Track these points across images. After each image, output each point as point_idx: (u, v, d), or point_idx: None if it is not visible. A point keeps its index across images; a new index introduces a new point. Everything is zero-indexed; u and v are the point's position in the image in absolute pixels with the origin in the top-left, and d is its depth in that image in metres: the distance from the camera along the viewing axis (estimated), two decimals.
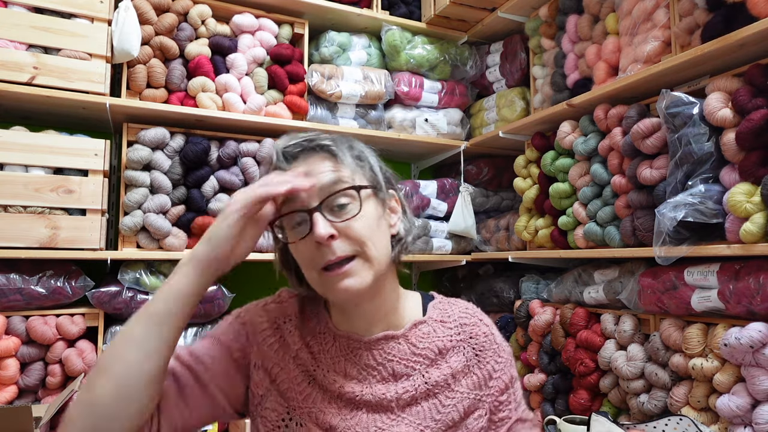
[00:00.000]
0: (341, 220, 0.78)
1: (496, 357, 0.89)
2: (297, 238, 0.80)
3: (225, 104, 2.03)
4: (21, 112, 1.94)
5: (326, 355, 0.85)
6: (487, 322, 0.92)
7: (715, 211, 1.40)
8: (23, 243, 1.69)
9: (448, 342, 0.88)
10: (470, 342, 0.89)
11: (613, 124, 1.77)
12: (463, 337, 0.89)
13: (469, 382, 0.86)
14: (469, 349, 0.88)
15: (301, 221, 0.79)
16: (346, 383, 0.83)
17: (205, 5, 2.05)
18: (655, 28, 1.69)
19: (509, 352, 0.92)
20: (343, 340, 0.86)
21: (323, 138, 0.83)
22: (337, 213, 0.78)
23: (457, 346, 0.88)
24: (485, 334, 0.90)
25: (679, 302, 1.50)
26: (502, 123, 2.39)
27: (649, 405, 1.55)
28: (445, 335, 0.88)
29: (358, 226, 0.78)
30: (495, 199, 2.59)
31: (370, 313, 0.86)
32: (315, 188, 0.78)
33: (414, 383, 0.84)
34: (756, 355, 1.28)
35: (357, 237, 0.78)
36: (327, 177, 0.79)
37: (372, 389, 0.83)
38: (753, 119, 1.33)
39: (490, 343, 0.90)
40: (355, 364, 0.85)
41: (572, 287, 1.92)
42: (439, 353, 0.86)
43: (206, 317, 1.96)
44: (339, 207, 0.78)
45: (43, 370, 1.73)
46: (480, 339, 0.89)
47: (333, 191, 0.78)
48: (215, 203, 1.98)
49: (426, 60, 2.41)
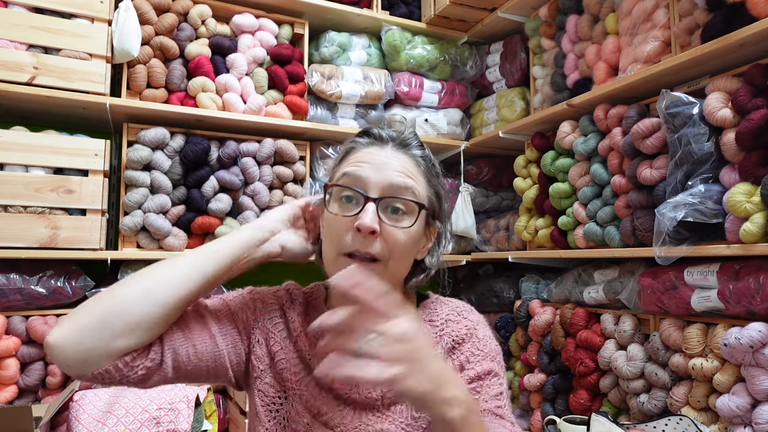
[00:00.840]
0: (390, 223, 0.78)
1: (473, 349, 0.86)
2: (340, 212, 0.80)
3: (225, 104, 2.04)
4: (21, 112, 1.94)
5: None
6: (472, 319, 0.90)
7: (715, 211, 1.40)
8: (23, 243, 1.69)
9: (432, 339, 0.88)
10: (450, 334, 0.87)
11: (613, 124, 1.77)
12: (446, 332, 0.88)
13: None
14: (449, 340, 0.86)
15: (353, 200, 0.80)
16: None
17: (205, 5, 2.05)
18: (655, 28, 1.69)
19: (493, 349, 0.88)
20: None
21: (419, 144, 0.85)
22: (389, 214, 0.79)
23: (439, 342, 0.87)
24: (467, 327, 0.88)
25: (679, 302, 1.50)
26: (502, 123, 2.39)
27: (649, 405, 1.55)
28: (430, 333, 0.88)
29: (401, 238, 0.79)
30: (495, 199, 2.60)
31: None
32: (384, 179, 0.79)
33: None
34: (756, 355, 1.28)
35: (393, 245, 0.78)
36: (400, 179, 0.79)
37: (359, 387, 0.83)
38: (753, 119, 1.33)
39: (470, 336, 0.87)
40: None
41: (572, 287, 1.92)
42: None
43: None
44: (393, 210, 0.79)
45: (43, 370, 1.73)
46: (461, 332, 0.87)
47: (399, 195, 0.79)
48: (215, 203, 1.98)
49: (426, 60, 2.41)
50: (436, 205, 0.86)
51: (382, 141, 0.84)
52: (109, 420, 1.49)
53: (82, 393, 1.57)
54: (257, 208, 2.06)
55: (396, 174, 0.79)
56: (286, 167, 2.13)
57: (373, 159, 0.81)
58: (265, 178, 2.08)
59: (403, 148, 0.84)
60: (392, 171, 0.80)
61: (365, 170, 0.80)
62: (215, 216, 1.98)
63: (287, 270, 2.50)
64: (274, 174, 2.10)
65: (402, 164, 0.81)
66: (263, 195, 2.06)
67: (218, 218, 1.99)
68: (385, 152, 0.82)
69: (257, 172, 2.06)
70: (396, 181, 0.79)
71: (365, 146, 0.84)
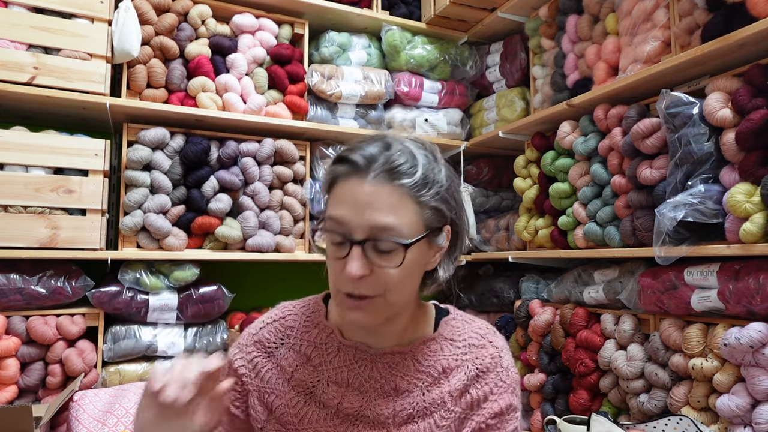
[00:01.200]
0: (380, 263, 0.75)
1: (497, 380, 0.84)
2: (332, 255, 0.78)
3: (225, 104, 2.03)
4: (21, 112, 1.94)
5: (329, 366, 0.85)
6: (497, 345, 0.87)
7: (715, 211, 1.40)
8: (23, 243, 1.69)
9: (453, 361, 0.85)
10: (475, 362, 0.85)
11: (613, 124, 1.77)
12: (470, 357, 0.85)
13: (464, 401, 0.83)
14: (473, 368, 0.84)
15: (343, 243, 0.76)
16: (346, 396, 0.83)
17: (205, 5, 2.05)
18: (655, 28, 1.69)
19: (515, 380, 0.86)
20: (349, 350, 0.85)
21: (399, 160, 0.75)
22: (377, 254, 0.74)
23: (461, 366, 0.84)
24: (492, 356, 0.85)
25: (679, 302, 1.50)
26: (502, 123, 2.39)
27: (649, 405, 1.55)
28: (451, 354, 0.85)
29: (393, 275, 0.75)
30: (495, 199, 2.60)
31: (381, 334, 0.85)
32: (366, 222, 0.73)
33: (413, 401, 0.82)
34: (756, 355, 1.28)
35: (387, 283, 0.76)
36: (382, 219, 0.73)
37: (371, 403, 0.82)
38: (753, 119, 1.33)
39: (495, 365, 0.85)
40: (359, 375, 0.84)
41: (572, 287, 1.92)
42: (442, 372, 0.84)
43: (206, 317, 1.97)
44: (382, 251, 0.74)
45: (43, 370, 1.73)
46: (485, 360, 0.85)
47: (380, 237, 0.74)
48: (215, 203, 1.98)
49: (426, 60, 2.41)
50: (436, 220, 0.79)
51: (361, 171, 0.75)
52: (109, 420, 1.49)
53: (83, 393, 1.57)
54: (257, 208, 2.06)
55: (377, 214, 0.73)
56: (286, 167, 2.13)
57: (353, 197, 0.74)
58: (265, 178, 2.08)
59: (387, 176, 0.74)
60: (374, 210, 0.73)
61: (346, 212, 0.75)
62: (215, 216, 1.98)
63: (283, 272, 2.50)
64: (274, 174, 2.10)
65: (384, 200, 0.74)
66: (263, 195, 2.06)
67: (218, 218, 1.99)
68: (365, 187, 0.74)
69: (257, 172, 2.06)
70: (378, 222, 0.73)
71: (346, 177, 0.76)
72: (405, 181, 0.74)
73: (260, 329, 0.91)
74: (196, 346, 1.93)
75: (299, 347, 0.87)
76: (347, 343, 0.86)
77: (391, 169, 0.74)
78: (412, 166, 0.75)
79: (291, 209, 2.13)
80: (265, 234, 2.05)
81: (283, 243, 2.08)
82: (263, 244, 2.03)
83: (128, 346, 1.83)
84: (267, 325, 0.91)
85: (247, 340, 0.90)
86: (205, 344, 1.95)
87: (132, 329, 1.87)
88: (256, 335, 0.90)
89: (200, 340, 1.95)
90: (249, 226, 2.01)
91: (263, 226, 2.06)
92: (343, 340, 0.86)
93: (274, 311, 0.93)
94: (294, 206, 2.13)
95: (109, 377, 1.81)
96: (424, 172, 0.76)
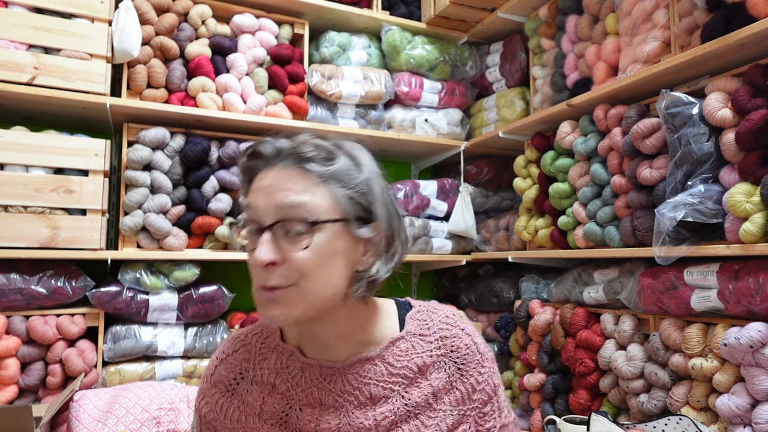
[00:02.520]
0: (290, 248, 0.71)
1: (479, 368, 0.83)
2: (248, 248, 0.74)
3: (225, 104, 2.04)
4: (21, 112, 1.94)
5: (297, 389, 0.81)
6: (469, 332, 0.85)
7: (715, 211, 1.40)
8: (23, 243, 1.69)
9: (428, 358, 0.82)
10: (452, 356, 0.83)
11: (612, 124, 1.77)
12: (444, 351, 0.83)
13: (452, 398, 0.81)
14: (451, 363, 0.82)
15: (255, 231, 0.73)
16: (323, 417, 0.79)
17: (205, 5, 2.06)
18: (655, 28, 1.69)
19: (492, 359, 0.87)
20: (314, 369, 0.81)
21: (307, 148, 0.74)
22: (290, 238, 0.71)
23: (438, 362, 0.82)
24: (467, 345, 0.84)
25: (679, 302, 1.50)
26: (502, 123, 2.40)
27: (648, 405, 1.55)
28: (424, 351, 0.82)
29: (306, 257, 0.71)
30: (495, 199, 2.60)
31: (329, 338, 0.80)
32: (273, 203, 0.72)
33: (393, 406, 0.79)
34: (755, 355, 1.28)
35: (301, 268, 0.71)
36: (288, 198, 0.71)
37: (349, 418, 0.78)
38: (752, 119, 1.33)
39: (473, 354, 0.83)
40: (330, 392, 0.80)
41: (572, 287, 1.92)
42: (418, 371, 0.81)
43: (206, 317, 1.97)
44: (296, 233, 0.71)
45: (43, 369, 1.73)
46: (462, 351, 0.83)
47: (287, 217, 0.71)
48: (215, 203, 1.98)
49: (426, 60, 2.41)
50: (359, 210, 0.75)
51: (270, 160, 0.75)
52: (109, 420, 1.49)
53: (83, 393, 1.57)
54: None
55: (284, 194, 0.71)
56: None
57: (263, 183, 0.74)
58: None
59: (296, 162, 0.73)
60: (280, 191, 0.72)
61: (256, 198, 0.73)
62: (215, 216, 1.98)
63: None
64: None
65: (292, 181, 0.72)
66: None
67: (218, 218, 1.99)
68: (275, 172, 0.74)
69: None
70: (284, 202, 0.71)
71: (259, 169, 0.76)
72: (314, 166, 0.73)
73: (215, 368, 0.86)
74: (196, 346, 1.94)
75: (261, 377, 0.83)
76: (310, 362, 0.81)
77: (300, 155, 0.73)
78: (326, 157, 0.74)
79: None
80: None
81: None
82: None
83: (128, 346, 1.83)
84: (221, 362, 0.86)
85: (207, 384, 0.86)
86: (205, 344, 1.95)
87: (132, 329, 1.87)
88: (213, 375, 0.85)
89: (200, 340, 1.95)
90: None
91: None
92: (305, 359, 0.81)
93: (225, 346, 0.88)
94: None
95: (109, 377, 1.81)
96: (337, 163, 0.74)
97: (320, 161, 0.74)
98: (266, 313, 0.73)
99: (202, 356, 1.96)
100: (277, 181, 0.73)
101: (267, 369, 0.83)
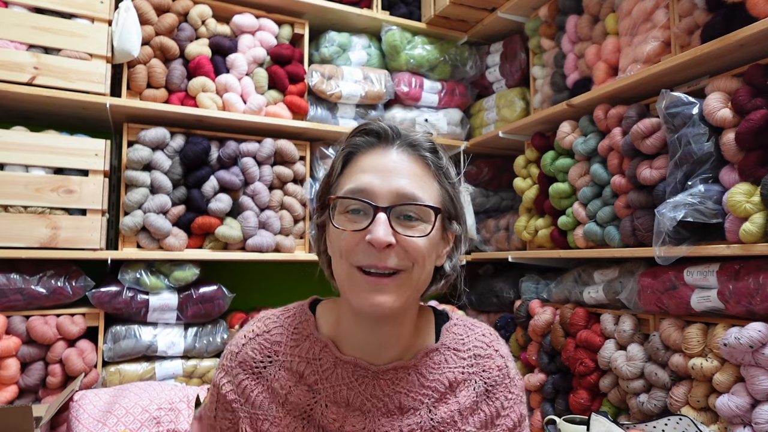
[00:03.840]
0: (406, 233, 0.71)
1: (506, 393, 0.82)
2: (348, 226, 0.72)
3: (225, 104, 2.04)
4: (21, 112, 1.94)
5: (326, 384, 0.78)
6: (503, 353, 0.85)
7: (715, 211, 1.40)
8: (24, 243, 1.69)
9: (459, 374, 0.81)
10: (482, 375, 0.81)
11: (612, 124, 1.77)
12: (476, 370, 0.82)
13: (476, 420, 0.80)
14: (481, 383, 0.81)
15: (361, 211, 0.72)
16: (348, 418, 0.76)
17: (205, 5, 2.06)
18: (655, 28, 1.69)
19: (521, 387, 0.85)
20: (348, 367, 0.78)
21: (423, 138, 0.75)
22: (402, 222, 0.72)
23: (468, 380, 0.81)
24: (499, 367, 0.83)
25: (679, 302, 1.50)
26: (502, 123, 2.40)
27: (648, 405, 1.55)
28: (456, 366, 0.81)
29: (421, 245, 0.72)
30: (495, 199, 2.60)
31: (386, 337, 0.78)
32: (393, 188, 0.72)
33: (420, 419, 0.77)
34: (755, 355, 1.28)
35: (415, 254, 0.72)
36: (410, 185, 0.72)
37: (375, 424, 0.76)
38: (752, 119, 1.33)
39: (503, 377, 0.82)
40: (360, 394, 0.77)
41: (572, 287, 1.92)
42: (449, 386, 0.80)
43: (206, 317, 1.97)
44: (407, 218, 0.72)
45: (43, 369, 1.73)
46: (493, 373, 0.82)
47: (407, 201, 0.72)
48: (215, 203, 1.98)
49: (426, 60, 2.41)
50: (450, 207, 0.78)
51: (387, 140, 0.75)
52: (109, 420, 1.49)
53: (83, 393, 1.57)
54: (257, 208, 2.06)
55: (405, 181, 0.72)
56: (286, 167, 2.13)
57: (377, 164, 0.73)
58: (265, 178, 2.08)
59: (410, 148, 0.75)
60: (401, 177, 0.72)
61: (371, 178, 0.72)
62: (215, 216, 1.98)
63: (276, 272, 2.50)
64: (274, 174, 2.11)
65: (411, 168, 0.74)
66: (263, 195, 2.06)
67: (218, 218, 1.99)
68: (391, 155, 0.74)
69: (257, 172, 2.06)
70: (406, 189, 0.72)
71: (367, 148, 0.76)
72: (428, 155, 0.75)
73: (243, 346, 0.81)
74: (196, 346, 1.94)
75: (290, 364, 0.79)
76: (345, 358, 0.78)
77: (418, 144, 0.75)
78: (435, 149, 0.77)
79: (291, 209, 2.13)
80: (265, 234, 2.05)
81: (283, 243, 2.08)
82: (263, 244, 2.03)
83: (128, 346, 1.83)
84: (250, 341, 0.82)
85: (231, 361, 0.81)
86: (205, 344, 1.95)
87: (132, 329, 1.87)
88: (240, 354, 0.81)
89: (200, 340, 1.95)
90: (249, 226, 2.01)
91: (263, 226, 2.07)
92: (341, 355, 0.79)
93: (256, 324, 0.84)
94: (294, 206, 2.13)
95: (109, 377, 1.81)
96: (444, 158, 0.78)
97: (433, 153, 0.77)
98: (370, 299, 0.71)
99: (201, 356, 1.96)
100: (397, 165, 0.73)
101: (298, 357, 0.80)
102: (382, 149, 0.75)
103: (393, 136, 0.76)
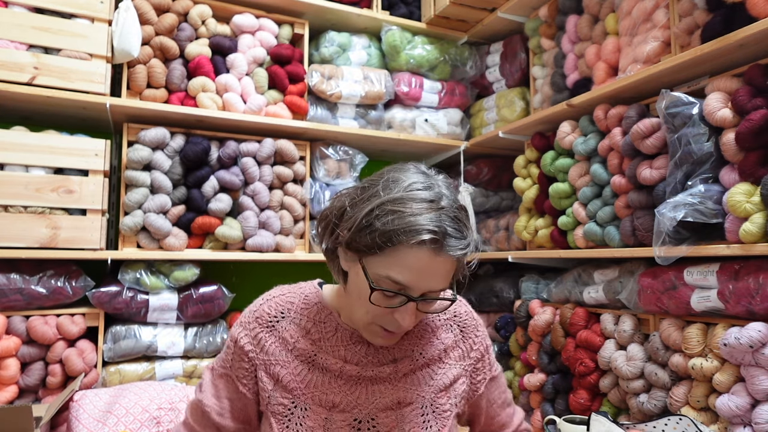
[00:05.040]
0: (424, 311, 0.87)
1: (476, 332, 1.03)
2: (381, 302, 0.83)
3: (225, 104, 2.04)
4: (21, 112, 1.94)
5: (327, 343, 0.93)
6: (464, 302, 1.06)
7: (715, 211, 1.40)
8: (24, 243, 1.69)
9: (437, 321, 1.00)
10: (455, 320, 1.02)
11: (612, 124, 1.77)
12: (449, 316, 1.01)
13: (456, 354, 0.99)
14: (455, 326, 1.01)
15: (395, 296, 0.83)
16: (345, 366, 0.92)
17: (205, 5, 2.06)
18: (655, 28, 1.69)
19: (483, 325, 1.06)
20: (346, 332, 0.93)
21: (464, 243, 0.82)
22: (425, 305, 0.86)
23: (444, 325, 1.00)
24: (466, 312, 1.04)
25: (679, 302, 1.50)
26: (502, 123, 2.40)
27: (648, 405, 1.55)
28: (434, 316, 1.00)
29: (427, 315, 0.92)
30: (495, 199, 2.60)
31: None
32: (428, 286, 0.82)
33: (412, 362, 0.95)
34: (755, 355, 1.28)
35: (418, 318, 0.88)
36: (440, 285, 0.84)
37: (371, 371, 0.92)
38: (752, 119, 1.33)
39: (471, 320, 1.04)
40: (356, 354, 0.92)
41: (572, 287, 1.92)
42: (431, 332, 0.99)
43: (206, 317, 1.97)
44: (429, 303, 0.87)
45: (43, 369, 1.73)
46: (463, 317, 1.03)
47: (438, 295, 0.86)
48: (215, 203, 1.98)
49: (426, 60, 2.41)
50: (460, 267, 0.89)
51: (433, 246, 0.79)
52: (109, 420, 1.49)
53: (83, 393, 1.57)
54: (257, 208, 2.06)
55: (438, 281, 0.83)
56: (286, 167, 2.13)
57: (421, 267, 0.80)
58: (265, 178, 2.08)
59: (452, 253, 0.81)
60: (435, 278, 0.82)
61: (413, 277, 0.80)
62: (215, 216, 1.98)
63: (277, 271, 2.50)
64: (274, 174, 2.11)
65: (446, 270, 0.83)
66: (263, 195, 2.06)
67: (218, 218, 1.99)
68: (435, 263, 0.80)
69: (257, 172, 2.06)
70: (436, 288, 0.84)
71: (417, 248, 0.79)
72: (460, 253, 0.82)
73: (260, 305, 0.96)
74: (196, 346, 1.94)
75: (299, 321, 0.94)
76: (345, 326, 0.94)
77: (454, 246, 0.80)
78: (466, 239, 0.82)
79: (291, 209, 2.13)
80: (265, 234, 2.05)
81: (283, 243, 2.08)
82: (263, 244, 2.03)
83: (128, 346, 1.84)
84: (267, 302, 0.96)
85: (249, 317, 0.95)
86: (205, 344, 1.95)
87: (132, 329, 1.87)
88: (257, 311, 0.95)
89: (200, 340, 1.95)
90: (249, 226, 2.01)
91: (263, 226, 2.07)
92: (341, 322, 0.94)
93: (273, 290, 0.99)
94: (294, 206, 2.13)
95: (109, 377, 1.81)
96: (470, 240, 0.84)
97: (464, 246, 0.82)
98: (381, 341, 0.89)
99: (201, 356, 1.96)
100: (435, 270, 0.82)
101: (306, 317, 0.95)
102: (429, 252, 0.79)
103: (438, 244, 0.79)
